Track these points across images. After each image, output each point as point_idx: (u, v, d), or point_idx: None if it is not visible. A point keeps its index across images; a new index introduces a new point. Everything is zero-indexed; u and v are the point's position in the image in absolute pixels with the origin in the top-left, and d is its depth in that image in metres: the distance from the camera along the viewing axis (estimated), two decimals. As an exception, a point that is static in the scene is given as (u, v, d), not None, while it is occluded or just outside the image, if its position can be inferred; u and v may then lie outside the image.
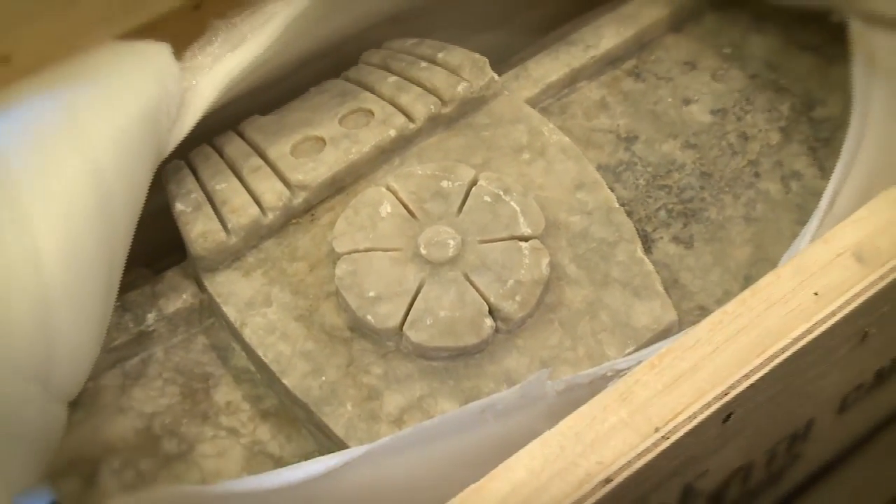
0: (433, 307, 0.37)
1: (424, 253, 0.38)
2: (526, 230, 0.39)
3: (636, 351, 0.37)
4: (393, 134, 0.42)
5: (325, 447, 0.37)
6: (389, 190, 0.41)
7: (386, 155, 0.42)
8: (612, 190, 0.42)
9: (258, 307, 0.39)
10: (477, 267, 0.38)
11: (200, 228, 0.39)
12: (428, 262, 0.38)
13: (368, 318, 0.37)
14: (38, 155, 0.34)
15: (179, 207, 0.40)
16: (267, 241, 0.41)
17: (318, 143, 0.42)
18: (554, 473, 0.29)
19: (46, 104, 0.35)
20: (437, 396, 0.36)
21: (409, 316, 0.37)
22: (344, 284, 0.38)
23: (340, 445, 0.36)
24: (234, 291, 0.39)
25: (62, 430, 0.35)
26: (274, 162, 0.41)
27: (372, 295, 0.37)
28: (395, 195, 0.40)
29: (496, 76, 0.44)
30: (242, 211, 0.40)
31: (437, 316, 0.37)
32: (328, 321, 0.38)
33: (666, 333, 0.38)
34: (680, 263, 0.41)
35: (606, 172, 0.44)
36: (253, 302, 0.39)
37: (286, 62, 0.42)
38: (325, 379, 0.37)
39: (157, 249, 0.42)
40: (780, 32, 0.49)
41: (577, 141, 0.44)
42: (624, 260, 0.39)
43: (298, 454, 0.37)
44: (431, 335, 0.36)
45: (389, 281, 0.38)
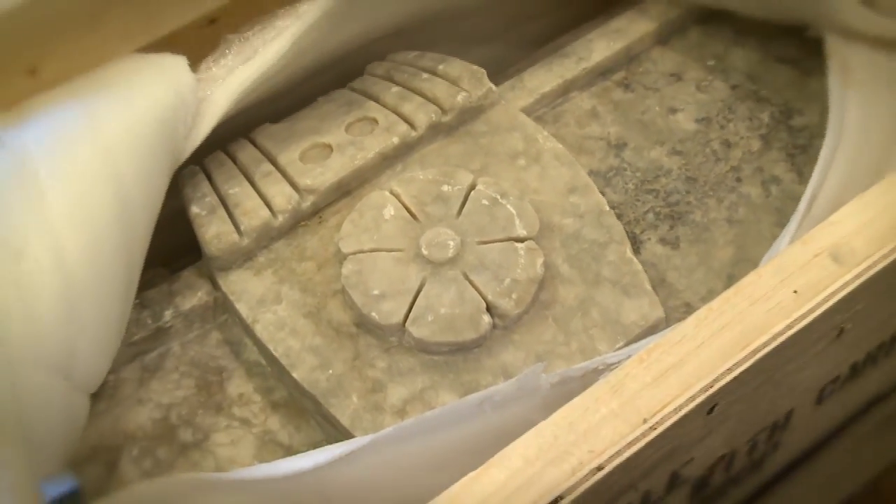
0: (434, 304, 0.37)
1: (426, 253, 0.38)
2: (522, 232, 0.39)
3: (626, 346, 0.37)
4: (396, 141, 0.42)
5: (332, 437, 0.37)
6: (393, 194, 0.41)
7: (389, 161, 0.42)
8: (602, 194, 0.42)
9: (269, 304, 0.39)
10: (475, 266, 0.38)
11: (214, 230, 0.39)
12: (429, 261, 0.38)
13: (373, 314, 0.37)
14: (62, 161, 0.34)
15: (195, 210, 0.40)
16: (277, 242, 0.41)
17: (325, 149, 0.42)
18: (548, 461, 0.29)
19: (70, 113, 0.35)
20: (437, 389, 0.36)
21: (411, 313, 0.37)
22: (350, 283, 0.38)
23: (346, 435, 0.35)
24: (246, 289, 0.39)
25: (85, 420, 0.35)
26: (284, 167, 0.41)
27: (376, 293, 0.37)
28: (398, 199, 0.40)
29: (493, 87, 0.44)
30: (254, 213, 0.40)
31: (437, 313, 0.37)
32: (335, 318, 0.38)
33: (654, 329, 0.38)
34: (667, 263, 0.41)
35: (597, 177, 0.44)
36: (264, 299, 0.39)
37: (295, 73, 0.42)
38: (332, 372, 0.37)
39: (173, 250, 0.42)
40: (760, 46, 0.49)
41: (569, 148, 0.43)
42: (614, 260, 0.39)
43: (307, 443, 0.37)
44: (432, 331, 0.36)
45: (393, 280, 0.38)
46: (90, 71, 0.38)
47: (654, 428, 0.29)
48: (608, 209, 0.41)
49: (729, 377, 0.30)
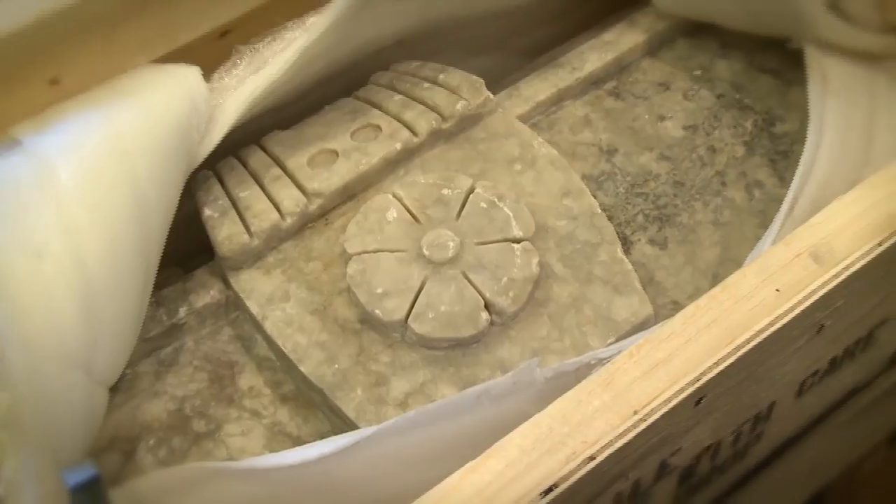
0: (435, 302, 0.37)
1: (427, 254, 0.38)
2: (518, 233, 0.39)
3: (617, 341, 0.37)
4: (399, 147, 0.42)
5: (338, 428, 0.37)
6: (395, 197, 0.41)
7: (392, 166, 0.42)
8: (594, 197, 0.41)
9: (278, 302, 0.39)
10: (474, 266, 0.38)
11: (226, 232, 0.39)
12: (430, 261, 0.38)
13: (377, 312, 0.37)
14: (82, 165, 0.34)
15: (207, 213, 0.40)
16: (286, 243, 0.40)
17: (331, 155, 0.42)
18: (543, 452, 0.29)
19: (90, 120, 0.35)
20: (438, 382, 0.36)
21: (413, 310, 0.37)
22: (355, 282, 0.38)
23: (352, 426, 0.35)
24: (256, 288, 0.39)
25: (104, 411, 0.35)
26: (292, 172, 0.41)
27: (380, 291, 0.37)
28: (400, 202, 0.40)
29: (491, 95, 0.44)
30: (264, 216, 0.40)
31: (438, 310, 0.37)
32: (340, 315, 0.38)
33: (643, 326, 0.38)
34: (655, 263, 0.41)
35: (590, 181, 0.44)
36: (273, 297, 0.39)
37: (303, 83, 0.42)
38: (337, 366, 0.37)
39: (188, 250, 0.42)
40: (743, 57, 0.49)
41: (563, 153, 0.43)
42: (605, 260, 0.39)
43: (314, 434, 0.37)
44: (433, 327, 0.36)
45: (395, 279, 0.38)
46: (109, 80, 0.38)
47: (643, 419, 0.29)
48: (600, 212, 0.41)
49: (715, 371, 0.30)
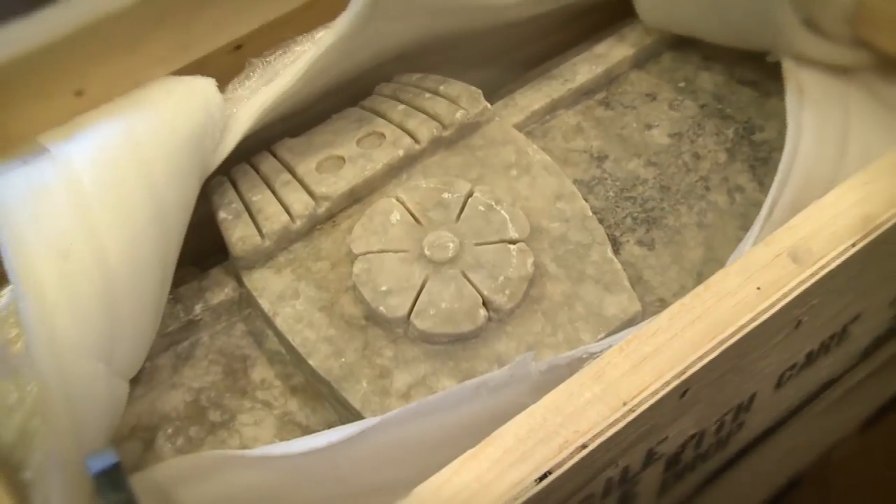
0: (435, 299, 0.37)
1: (428, 254, 0.38)
2: (514, 234, 0.39)
3: (607, 337, 0.37)
4: (402, 153, 0.42)
5: (344, 418, 0.37)
6: (398, 200, 0.41)
7: (396, 171, 0.42)
8: (586, 201, 0.41)
9: (288, 299, 0.39)
10: (472, 266, 0.38)
11: (240, 233, 0.39)
12: (431, 261, 0.38)
13: (381, 308, 0.37)
14: (104, 171, 0.34)
15: (222, 215, 0.40)
16: (295, 243, 0.40)
17: (338, 161, 0.42)
18: (538, 440, 0.29)
19: (112, 129, 0.35)
20: (439, 375, 0.36)
21: (415, 307, 0.37)
22: (360, 280, 0.38)
23: (357, 416, 0.35)
24: (267, 286, 0.39)
25: (125, 402, 0.35)
26: (301, 177, 0.41)
27: (384, 289, 0.37)
28: (403, 205, 0.40)
29: (488, 105, 0.44)
30: (275, 218, 0.40)
31: (438, 307, 0.37)
32: (347, 311, 0.38)
33: (632, 322, 0.38)
34: (643, 263, 0.41)
35: (581, 186, 0.44)
36: (283, 295, 0.39)
37: (312, 93, 0.42)
38: (344, 360, 0.37)
39: (203, 251, 0.42)
40: (725, 70, 0.49)
41: (556, 160, 0.43)
42: (596, 260, 0.39)
43: (322, 423, 0.37)
44: (434, 323, 0.36)
45: (399, 277, 0.38)
46: (130, 92, 0.38)
47: (632, 410, 0.29)
48: (591, 214, 0.41)
49: (699, 365, 0.30)
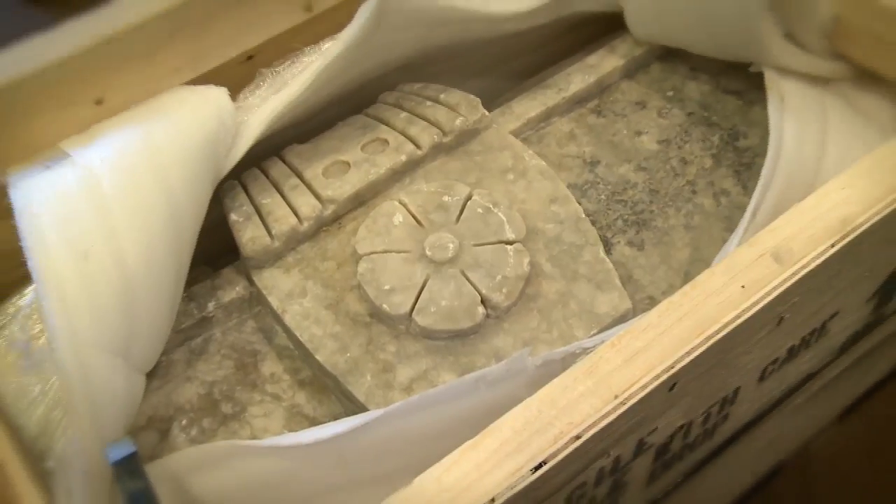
0: (436, 297, 0.37)
1: (429, 254, 0.38)
2: (511, 236, 0.39)
3: (599, 333, 0.37)
4: (404, 159, 0.42)
5: (349, 410, 0.37)
6: (401, 203, 0.40)
7: (398, 175, 0.42)
8: (579, 204, 0.41)
9: (296, 297, 0.39)
10: (471, 265, 0.38)
11: (250, 234, 0.39)
12: (432, 261, 0.38)
13: (384, 306, 0.37)
14: (123, 176, 0.34)
15: (233, 218, 0.40)
16: (303, 244, 0.40)
17: (344, 166, 0.42)
18: (533, 432, 0.29)
19: (130, 135, 0.35)
20: (439, 369, 0.36)
21: (416, 304, 0.37)
22: (365, 279, 0.38)
23: (362, 409, 0.35)
24: (276, 285, 0.39)
25: (141, 395, 0.35)
26: (309, 181, 0.41)
27: (387, 288, 0.37)
28: (405, 208, 0.40)
29: (487, 112, 0.44)
30: (284, 220, 0.40)
31: (439, 305, 0.37)
32: (352, 309, 0.38)
33: (623, 319, 0.38)
34: (633, 262, 0.41)
35: (575, 190, 0.44)
36: (292, 293, 0.39)
37: (319, 102, 0.42)
38: (349, 355, 0.37)
39: (216, 251, 0.42)
40: (710, 80, 0.49)
41: (551, 165, 0.43)
42: (589, 260, 0.39)
43: (328, 415, 0.37)
44: (435, 320, 0.36)
45: (401, 276, 0.38)
46: (147, 100, 0.38)
47: (623, 403, 0.29)
48: (584, 217, 0.41)
49: (687, 360, 0.30)
